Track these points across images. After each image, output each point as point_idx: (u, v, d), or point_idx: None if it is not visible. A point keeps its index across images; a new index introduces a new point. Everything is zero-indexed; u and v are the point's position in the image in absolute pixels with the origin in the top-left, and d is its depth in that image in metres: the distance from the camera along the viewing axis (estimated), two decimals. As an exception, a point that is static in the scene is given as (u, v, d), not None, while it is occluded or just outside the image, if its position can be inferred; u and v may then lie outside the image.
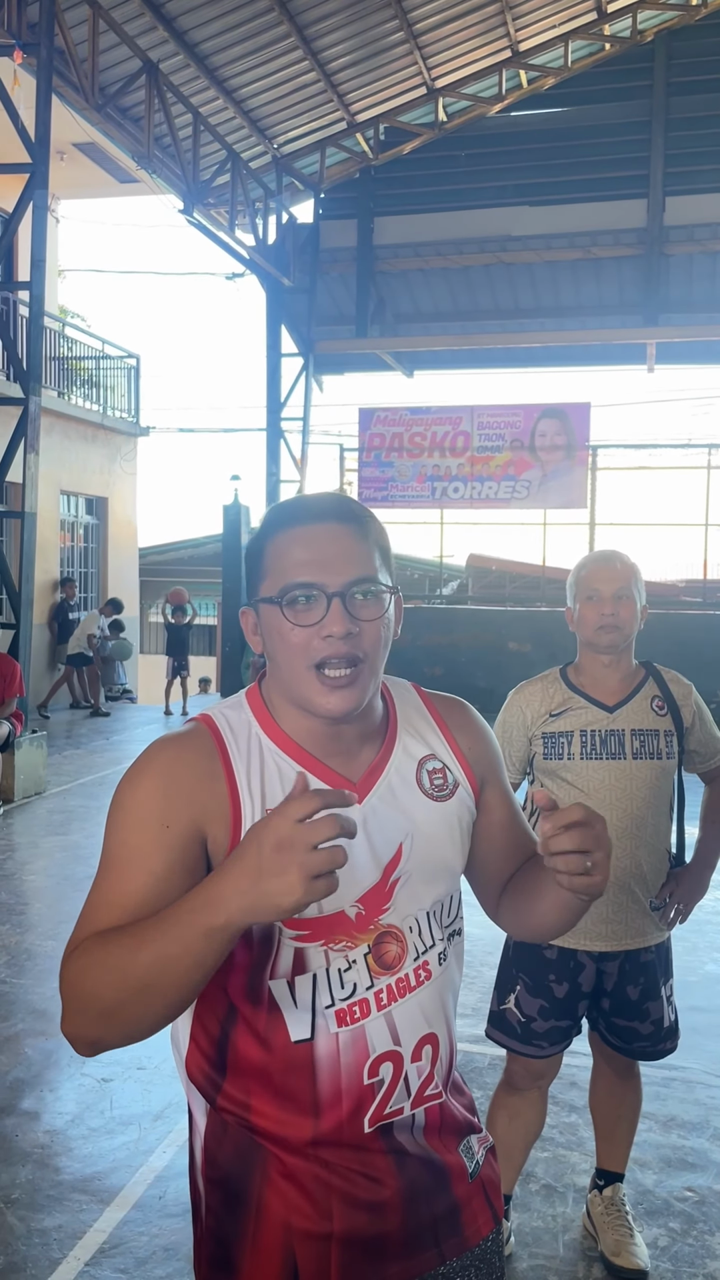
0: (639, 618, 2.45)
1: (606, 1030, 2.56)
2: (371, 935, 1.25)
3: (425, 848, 1.29)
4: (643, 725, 2.43)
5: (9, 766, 7.97)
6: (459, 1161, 1.33)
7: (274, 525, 1.26)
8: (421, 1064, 1.28)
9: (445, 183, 13.88)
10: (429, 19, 11.73)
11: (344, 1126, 1.23)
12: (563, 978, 2.48)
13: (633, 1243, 2.62)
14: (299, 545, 1.22)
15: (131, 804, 1.21)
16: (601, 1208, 2.71)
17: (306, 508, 1.26)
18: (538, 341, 14.48)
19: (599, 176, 13.35)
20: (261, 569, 1.25)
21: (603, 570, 2.46)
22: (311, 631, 1.20)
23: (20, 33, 7.83)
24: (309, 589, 1.20)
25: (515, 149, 13.62)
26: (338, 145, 13.64)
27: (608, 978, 2.49)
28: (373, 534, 1.26)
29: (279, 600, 1.21)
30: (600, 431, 13.87)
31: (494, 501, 13.75)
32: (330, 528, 1.23)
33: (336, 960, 1.23)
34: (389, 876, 1.26)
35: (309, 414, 14.71)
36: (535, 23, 12.59)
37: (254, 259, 13.16)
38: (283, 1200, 1.23)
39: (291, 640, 1.21)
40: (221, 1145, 1.27)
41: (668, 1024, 2.54)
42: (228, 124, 12.26)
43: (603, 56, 13.25)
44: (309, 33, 11.16)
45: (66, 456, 13.89)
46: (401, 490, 13.89)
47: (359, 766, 1.29)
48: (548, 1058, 2.55)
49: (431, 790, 1.32)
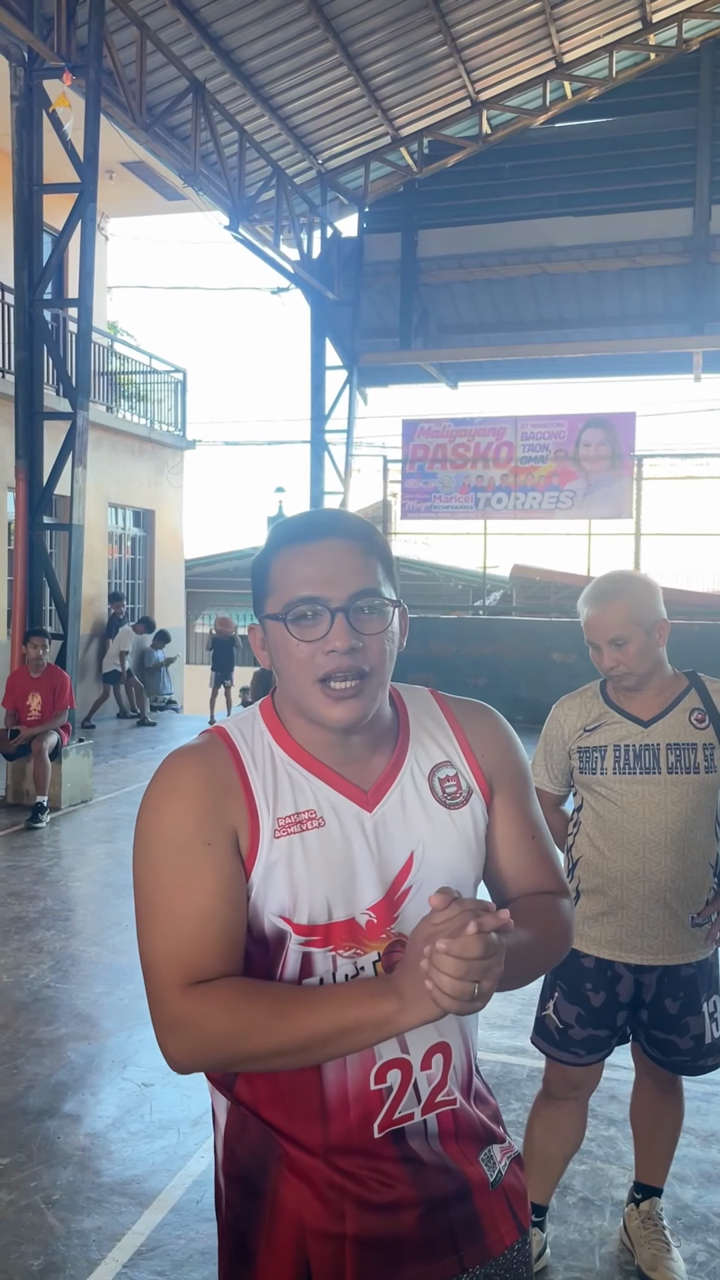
0: (654, 642, 2.38)
1: (646, 1042, 2.54)
2: (383, 943, 1.25)
3: (437, 857, 1.29)
4: (679, 739, 2.40)
5: (57, 775, 8.08)
6: (479, 1172, 1.31)
7: (277, 543, 1.28)
8: (432, 1072, 1.28)
9: (489, 194, 13.91)
10: (473, 32, 11.79)
11: (353, 1132, 1.24)
12: (599, 987, 2.47)
13: (669, 1258, 2.59)
14: (301, 561, 1.24)
15: (170, 829, 1.22)
16: (638, 1222, 2.68)
17: (308, 525, 1.28)
18: (582, 351, 14.43)
19: (644, 186, 13.31)
20: (266, 586, 1.27)
21: (596, 618, 2.39)
22: (315, 646, 1.22)
23: (70, 55, 7.99)
24: (312, 604, 1.21)
25: (559, 160, 13.62)
26: (382, 159, 13.73)
27: (646, 990, 2.47)
28: (375, 548, 1.26)
29: (283, 616, 1.23)
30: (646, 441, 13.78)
31: (538, 512, 13.70)
32: (332, 543, 1.24)
33: (344, 966, 1.24)
34: (400, 885, 1.26)
35: (353, 426, 14.79)
36: (579, 34, 12.59)
37: (299, 273, 13.27)
38: (296, 1197, 1.25)
39: (297, 655, 1.23)
40: (240, 1140, 1.29)
41: (710, 1040, 2.50)
42: (273, 141, 12.40)
43: (648, 66, 13.22)
44: (353, 49, 11.26)
45: (115, 470, 14.08)
46: (445, 501, 13.90)
47: (370, 774, 1.29)
48: (585, 1066, 2.53)
49: (444, 798, 1.31)
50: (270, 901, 1.22)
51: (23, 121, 8.24)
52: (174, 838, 1.21)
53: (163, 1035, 1.20)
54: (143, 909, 1.23)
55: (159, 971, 1.20)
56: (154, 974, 1.21)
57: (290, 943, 1.23)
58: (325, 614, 1.22)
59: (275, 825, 1.23)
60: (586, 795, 2.50)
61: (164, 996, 1.19)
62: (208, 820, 1.22)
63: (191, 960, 1.19)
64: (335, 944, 1.23)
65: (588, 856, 2.50)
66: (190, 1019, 1.17)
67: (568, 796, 2.64)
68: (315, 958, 1.23)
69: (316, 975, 1.23)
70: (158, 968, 1.20)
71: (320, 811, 1.25)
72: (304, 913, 1.22)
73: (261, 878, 1.23)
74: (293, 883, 1.22)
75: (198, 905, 1.19)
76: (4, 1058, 3.84)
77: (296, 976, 1.23)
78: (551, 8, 11.75)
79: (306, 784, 1.27)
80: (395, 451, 14.51)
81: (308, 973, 1.23)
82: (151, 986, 1.21)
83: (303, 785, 1.26)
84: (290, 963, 1.23)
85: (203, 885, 1.20)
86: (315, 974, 1.23)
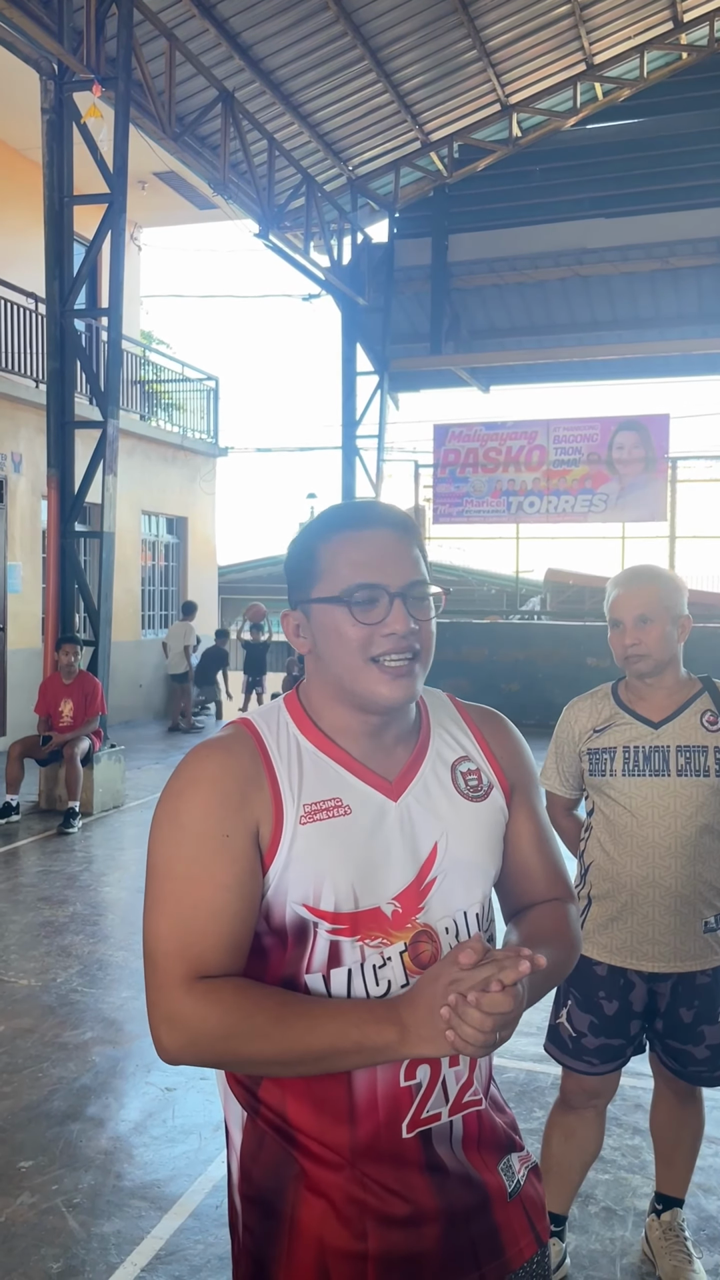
0: (675, 635, 2.37)
1: (663, 1052, 2.50)
2: (408, 934, 1.25)
3: (460, 847, 1.30)
4: (690, 741, 2.37)
5: (88, 781, 8.14)
6: (498, 1181, 1.30)
7: (326, 529, 1.29)
8: (460, 1069, 1.27)
9: (520, 198, 13.86)
10: (502, 36, 11.76)
11: (381, 1133, 1.23)
12: (612, 995, 2.44)
13: (691, 1269, 2.55)
14: (358, 548, 1.26)
15: (189, 818, 1.22)
16: (659, 1232, 2.65)
17: (360, 513, 1.30)
18: (615, 354, 14.33)
19: (676, 186, 13.20)
20: (314, 570, 1.28)
21: (622, 597, 2.39)
22: (373, 629, 1.24)
23: (99, 67, 8.07)
24: (372, 589, 1.24)
25: (590, 162, 13.55)
26: (412, 165, 13.73)
27: (660, 998, 2.44)
28: (418, 541, 1.32)
29: (342, 599, 1.24)
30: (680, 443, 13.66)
31: (571, 515, 13.63)
32: (384, 533, 1.27)
33: (371, 956, 1.23)
34: (425, 876, 1.27)
35: (384, 431, 14.79)
36: (610, 35, 12.52)
37: (329, 280, 13.31)
38: (317, 1217, 1.23)
39: (351, 637, 1.25)
40: (257, 1161, 1.28)
41: None
42: (302, 148, 12.45)
43: (679, 66, 13.11)
44: (382, 55, 11.28)
45: (148, 477, 14.19)
46: (477, 506, 13.86)
47: (394, 765, 1.31)
48: (600, 1075, 2.50)
49: (466, 790, 1.34)
50: (294, 889, 1.22)
51: (53, 134, 8.35)
52: (193, 826, 1.21)
53: (158, 1025, 1.20)
54: (153, 895, 1.23)
55: (164, 961, 1.20)
56: (158, 962, 1.20)
57: (319, 931, 1.22)
58: (384, 598, 1.25)
59: (301, 812, 1.24)
60: (597, 799, 2.48)
61: (165, 986, 1.19)
62: (229, 811, 1.22)
63: (198, 953, 1.19)
64: (362, 933, 1.23)
65: (599, 861, 2.47)
66: (191, 1015, 1.17)
67: (580, 801, 2.61)
68: (343, 947, 1.23)
69: (345, 965, 1.23)
70: (163, 956, 1.20)
71: (346, 800, 1.26)
72: (329, 900, 1.22)
73: (285, 865, 1.22)
74: (317, 870, 1.22)
75: (210, 898, 1.19)
76: (30, 1061, 3.87)
77: (325, 967, 1.23)
78: (581, 9, 11.70)
79: (333, 772, 1.27)
80: (426, 456, 14.50)
81: (335, 962, 1.23)
82: (153, 974, 1.21)
83: (328, 773, 1.27)
84: (318, 952, 1.23)
85: (217, 878, 1.20)
86: (344, 963, 1.23)
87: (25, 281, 11.16)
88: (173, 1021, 1.18)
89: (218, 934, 1.19)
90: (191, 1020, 1.17)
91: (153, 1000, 1.20)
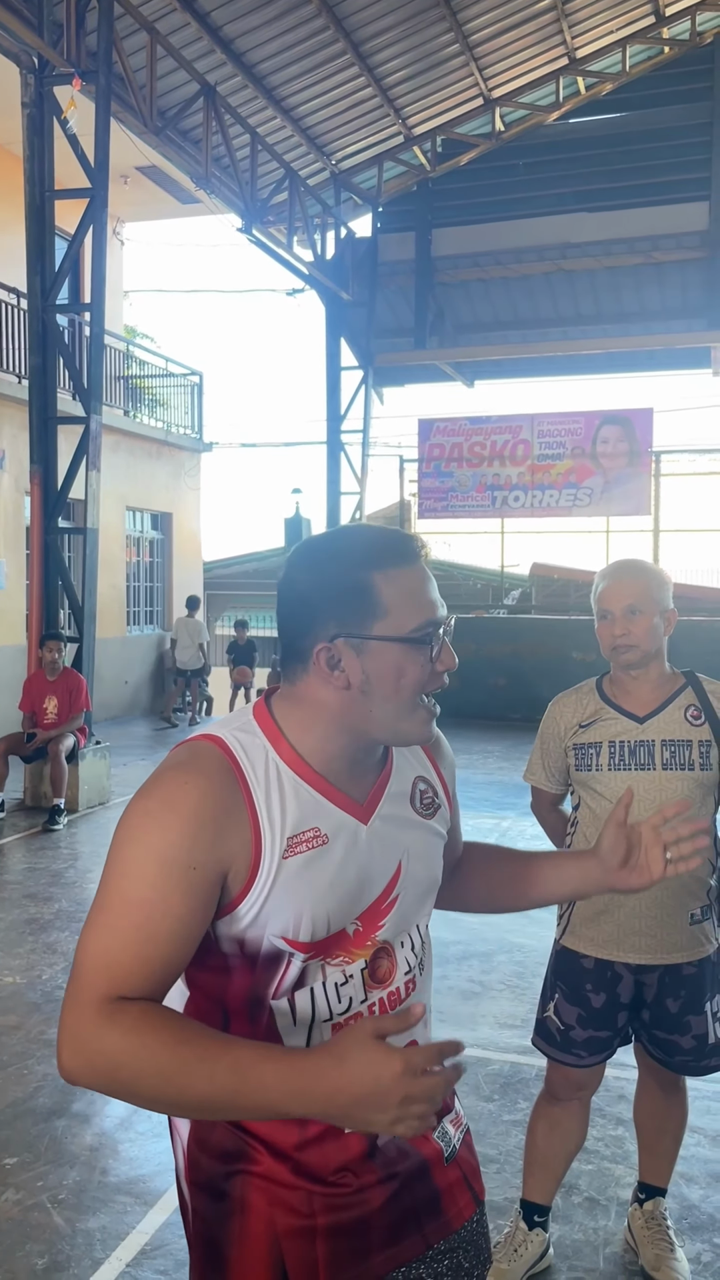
0: (662, 628, 2.39)
1: (649, 1043, 2.51)
2: (369, 951, 1.28)
3: (418, 865, 1.34)
4: (674, 736, 2.38)
5: (74, 778, 8.12)
6: (435, 1148, 1.36)
7: (379, 560, 1.23)
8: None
9: (503, 192, 13.86)
10: (484, 29, 11.75)
11: (328, 1132, 1.26)
12: (600, 988, 2.45)
13: (673, 1258, 2.57)
14: (421, 584, 1.25)
15: (158, 844, 1.16)
16: (642, 1222, 2.66)
17: (408, 547, 1.26)
18: (599, 348, 14.35)
19: (659, 180, 13.22)
20: (372, 604, 1.22)
21: (612, 587, 2.40)
22: (431, 667, 1.25)
23: (80, 61, 8.03)
24: (437, 626, 1.25)
25: (573, 156, 13.56)
26: (395, 159, 13.72)
27: (647, 989, 2.45)
28: None
29: (417, 639, 1.23)
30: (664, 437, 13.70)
31: (555, 510, 13.66)
32: (423, 566, 1.28)
33: (333, 975, 1.26)
34: (388, 895, 1.30)
35: (369, 426, 14.77)
36: (592, 29, 12.53)
37: (313, 274, 13.28)
38: (266, 1197, 1.25)
39: (415, 676, 1.24)
40: (205, 1149, 1.30)
41: (714, 1040, 2.47)
42: (285, 142, 12.42)
43: (661, 60, 13.14)
44: (364, 49, 11.26)
45: (132, 473, 14.15)
46: (462, 500, 13.87)
47: (364, 788, 1.32)
48: (587, 1068, 2.51)
49: (422, 809, 1.37)
50: (273, 922, 1.20)
51: (34, 128, 8.29)
52: (161, 853, 1.16)
53: (61, 1042, 1.13)
54: (98, 908, 1.17)
55: (87, 976, 1.14)
56: (81, 977, 1.14)
57: (293, 960, 1.23)
58: (436, 635, 1.26)
59: (284, 846, 1.21)
60: (583, 793, 2.49)
61: (79, 1003, 1.13)
62: (200, 845, 1.17)
63: (123, 974, 1.13)
64: (325, 954, 1.25)
65: (585, 854, 2.47)
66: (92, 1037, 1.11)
67: (565, 796, 2.62)
68: (308, 968, 1.24)
69: (308, 985, 1.24)
70: (89, 971, 1.14)
71: (323, 828, 1.25)
72: (306, 931, 1.22)
73: (264, 898, 1.20)
74: (297, 903, 1.21)
75: (156, 925, 1.14)
76: (15, 1058, 3.86)
77: (291, 990, 1.24)
78: (563, 3, 11.70)
79: (310, 799, 1.25)
80: (411, 451, 14.50)
81: (300, 984, 1.24)
82: (71, 986, 1.14)
83: (307, 801, 1.25)
84: (288, 978, 1.24)
85: (168, 909, 1.15)
86: (307, 984, 1.24)
87: (7, 277, 11.10)
88: (73, 1040, 1.12)
89: (150, 961, 1.14)
90: (99, 1056, 1.10)
91: (64, 1014, 1.13)
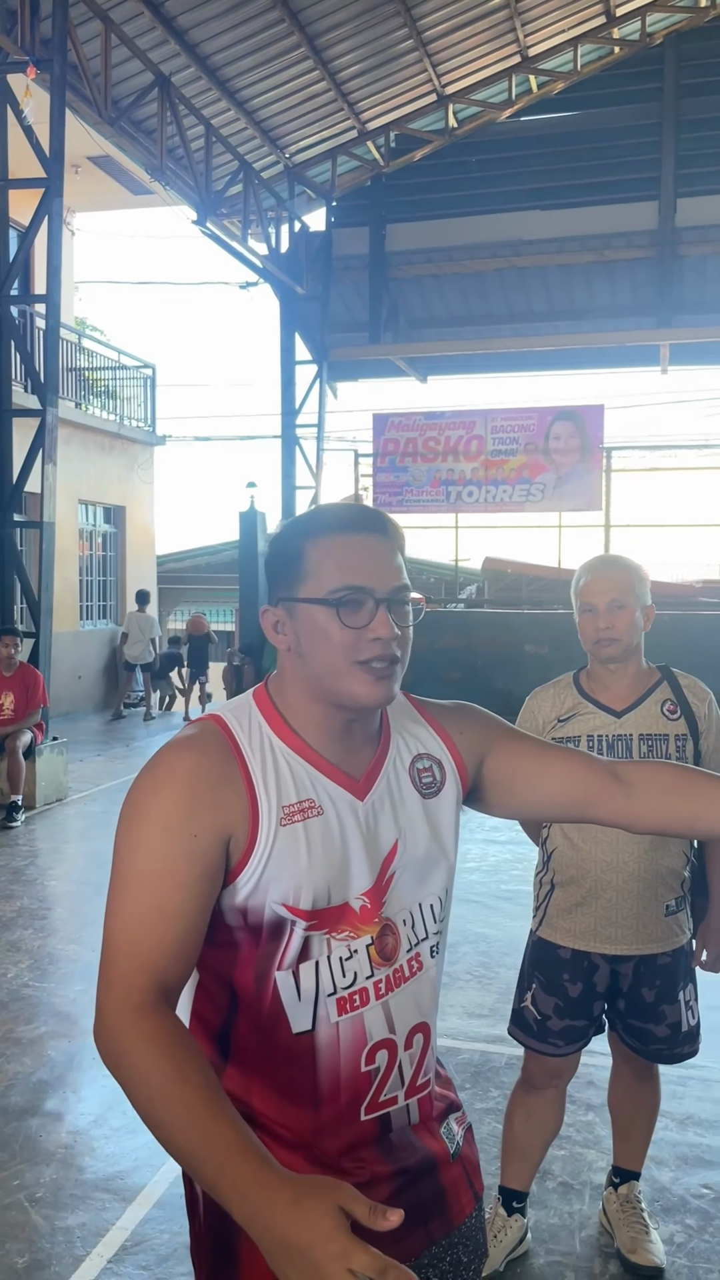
0: (641, 622, 2.45)
1: (624, 1031, 2.57)
2: (375, 927, 1.30)
3: (415, 844, 1.35)
4: (651, 730, 2.43)
5: (31, 774, 8.04)
6: (442, 1146, 1.38)
7: (314, 529, 1.30)
8: (413, 1051, 1.33)
9: (457, 189, 13.91)
10: (438, 26, 11.79)
11: (342, 1116, 1.28)
12: (576, 978, 2.51)
13: (648, 1239, 2.64)
14: (347, 551, 1.28)
15: (158, 814, 1.22)
16: (617, 1205, 2.73)
17: (349, 517, 1.32)
18: (551, 345, 14.47)
19: (610, 179, 13.36)
20: (301, 569, 1.29)
21: (596, 582, 2.46)
22: (358, 633, 1.26)
23: (34, 49, 7.92)
24: (360, 593, 1.26)
25: (526, 153, 13.66)
26: (349, 153, 13.71)
27: (623, 979, 2.51)
28: (402, 549, 1.34)
29: (329, 601, 1.26)
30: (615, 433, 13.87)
31: (509, 505, 13.77)
32: (373, 539, 1.30)
33: (339, 949, 1.28)
34: (385, 871, 1.32)
35: (324, 421, 14.77)
36: (544, 28, 12.62)
37: (267, 268, 13.24)
38: None
39: (337, 639, 1.26)
40: None
41: (686, 1028, 2.54)
42: (239, 135, 12.36)
43: (612, 60, 13.27)
44: (319, 42, 11.24)
45: (85, 467, 14.00)
46: (416, 495, 13.94)
47: (360, 765, 1.34)
48: (564, 1056, 2.57)
49: (422, 787, 1.38)
50: (274, 889, 1.24)
51: (-13, 116, 8.16)
52: (162, 820, 1.21)
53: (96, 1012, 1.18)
54: (113, 885, 1.23)
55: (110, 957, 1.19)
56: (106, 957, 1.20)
57: (295, 928, 1.25)
58: (370, 603, 1.26)
59: (281, 814, 1.26)
60: None
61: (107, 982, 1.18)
62: (199, 812, 1.22)
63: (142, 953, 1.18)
64: (331, 928, 1.27)
65: (562, 849, 2.53)
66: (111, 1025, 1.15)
67: None
68: (312, 941, 1.27)
69: (313, 959, 1.26)
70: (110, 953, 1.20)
71: (319, 800, 1.29)
72: (307, 899, 1.25)
73: (264, 865, 1.24)
74: (296, 870, 1.25)
75: (166, 900, 1.19)
76: (-16, 1058, 3.83)
77: (295, 963, 1.26)
78: (516, 1, 11.77)
79: (305, 773, 1.30)
80: (366, 446, 14.52)
81: (305, 956, 1.26)
82: (101, 965, 1.20)
83: (301, 774, 1.30)
84: (292, 949, 1.26)
85: (177, 877, 1.20)
86: (311, 957, 1.26)
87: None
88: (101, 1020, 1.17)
89: (166, 934, 1.19)
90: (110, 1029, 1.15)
91: (97, 990, 1.18)
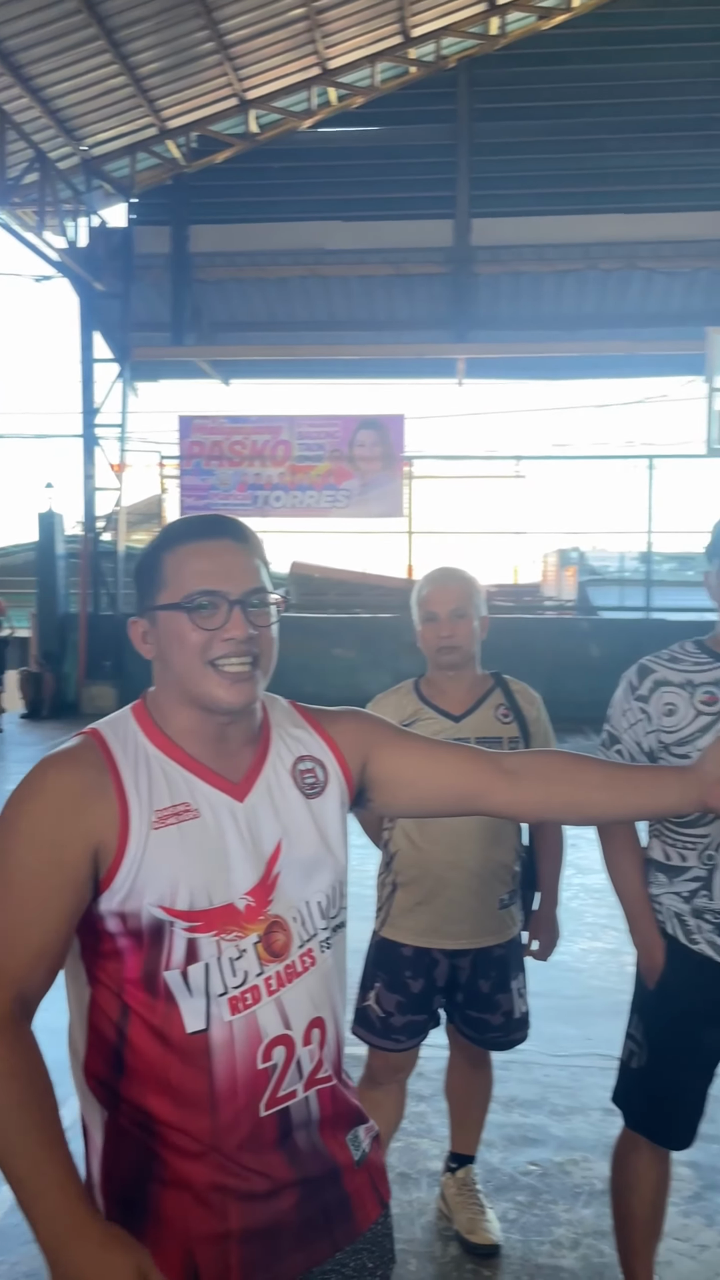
0: (479, 631, 2.59)
1: (461, 1022, 2.69)
2: (262, 925, 1.33)
3: (299, 843, 1.38)
4: (488, 733, 2.55)
5: None
6: (347, 1154, 1.40)
7: (171, 540, 1.36)
8: (312, 1047, 1.35)
9: (260, 194, 13.99)
10: (240, 31, 11.83)
11: (241, 1116, 1.29)
12: (418, 974, 2.60)
13: (485, 1219, 2.77)
14: (199, 558, 1.33)
15: (24, 826, 1.26)
16: (455, 1189, 2.85)
17: (202, 526, 1.37)
18: (353, 354, 14.77)
19: (409, 195, 13.78)
20: (159, 580, 1.34)
21: (437, 592, 2.60)
22: (212, 635, 1.31)
23: None
24: (212, 596, 1.31)
25: (327, 165, 13.88)
26: (149, 151, 13.52)
27: (461, 972, 2.62)
28: (259, 553, 1.39)
29: (183, 605, 1.30)
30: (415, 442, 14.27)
31: (315, 510, 13.93)
32: (226, 543, 1.35)
33: (228, 949, 1.30)
34: (270, 871, 1.35)
35: (126, 421, 14.46)
36: (343, 42, 12.88)
37: (65, 262, 12.85)
38: (179, 1206, 1.27)
39: (192, 641, 1.31)
40: (119, 1159, 1.30)
41: (518, 1015, 2.68)
42: (34, 123, 11.96)
43: (409, 79, 13.68)
44: (118, 36, 11.04)
45: None
46: (223, 499, 13.87)
47: (239, 768, 1.38)
48: (405, 1051, 2.67)
49: (305, 788, 1.42)
50: (149, 892, 1.26)
51: None
52: (26, 833, 1.25)
53: None
54: None
55: None
56: None
57: (175, 930, 1.27)
58: (223, 605, 1.31)
59: (153, 818, 1.28)
60: None
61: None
62: (65, 822, 1.25)
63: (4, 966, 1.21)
64: (218, 928, 1.29)
65: (404, 850, 2.62)
66: None
67: None
68: (200, 943, 1.28)
69: (202, 960, 1.28)
70: None
71: (195, 803, 1.32)
72: (184, 900, 1.27)
73: (136, 870, 1.26)
74: (171, 872, 1.27)
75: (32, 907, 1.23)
76: None
77: (183, 963, 1.27)
78: (316, 14, 11.95)
79: (180, 777, 1.33)
80: (171, 448, 14.33)
81: (193, 958, 1.27)
82: None
83: (176, 779, 1.32)
84: (176, 950, 1.27)
85: (40, 888, 1.23)
86: (200, 959, 1.28)
87: None
88: None
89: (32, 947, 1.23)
90: None
91: None
